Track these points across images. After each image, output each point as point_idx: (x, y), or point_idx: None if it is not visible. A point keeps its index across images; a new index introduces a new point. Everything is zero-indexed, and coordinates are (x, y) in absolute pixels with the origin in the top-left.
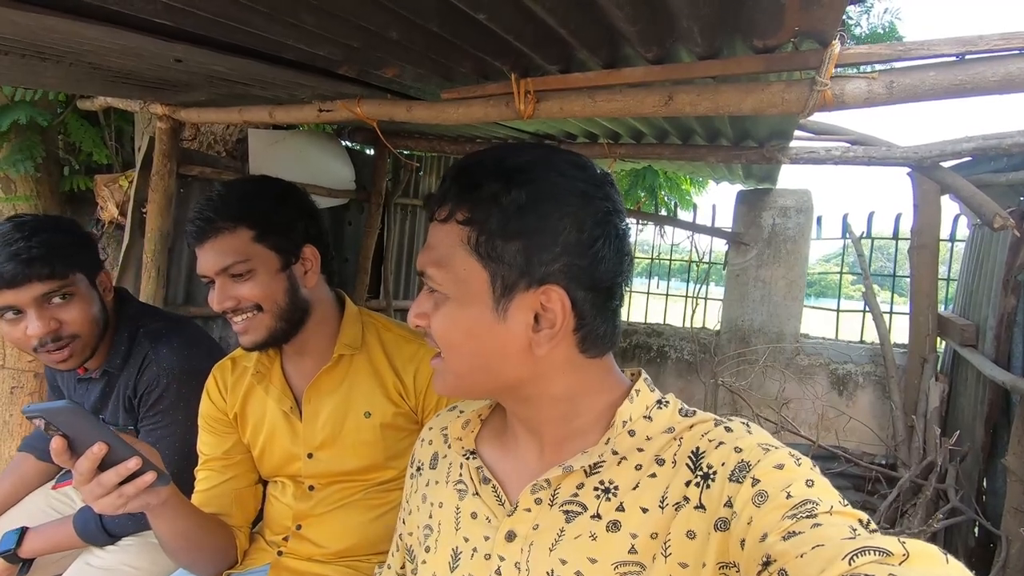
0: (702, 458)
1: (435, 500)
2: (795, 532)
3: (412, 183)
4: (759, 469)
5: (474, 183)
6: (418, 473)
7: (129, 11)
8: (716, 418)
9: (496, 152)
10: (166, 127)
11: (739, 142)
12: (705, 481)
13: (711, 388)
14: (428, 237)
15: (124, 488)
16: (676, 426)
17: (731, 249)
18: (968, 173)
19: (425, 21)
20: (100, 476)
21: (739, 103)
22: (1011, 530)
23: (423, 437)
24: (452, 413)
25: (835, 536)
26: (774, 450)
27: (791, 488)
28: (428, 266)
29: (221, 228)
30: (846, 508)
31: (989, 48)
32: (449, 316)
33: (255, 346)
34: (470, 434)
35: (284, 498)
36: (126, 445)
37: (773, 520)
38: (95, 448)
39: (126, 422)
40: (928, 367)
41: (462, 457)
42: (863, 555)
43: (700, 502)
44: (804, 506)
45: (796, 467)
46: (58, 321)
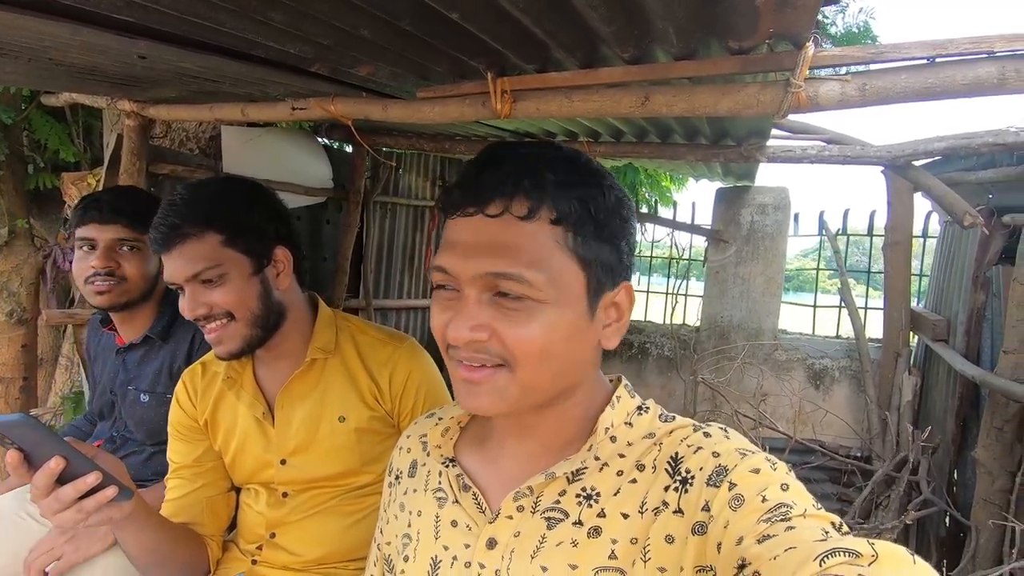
0: (681, 463)
1: (414, 509)
2: (769, 535)
3: (391, 181)
4: (736, 473)
5: (562, 182)
6: (396, 482)
7: (87, 6)
8: (695, 424)
9: (549, 148)
10: (135, 124)
11: (718, 141)
12: (683, 486)
13: (691, 385)
14: (495, 236)
15: (83, 503)
16: (656, 431)
17: (710, 246)
18: (939, 171)
19: (397, 20)
20: (58, 491)
21: (715, 104)
22: (980, 520)
23: (401, 445)
24: (430, 420)
25: (807, 539)
26: (751, 455)
27: (766, 492)
28: (520, 267)
29: (188, 234)
30: (819, 511)
31: (958, 52)
32: (549, 323)
33: (231, 356)
34: (449, 441)
35: (257, 506)
36: (85, 459)
37: (748, 524)
38: (52, 463)
39: (166, 390)
40: (901, 361)
41: (441, 465)
42: (833, 556)
43: (679, 506)
44: (779, 510)
45: (772, 471)
46: (118, 263)
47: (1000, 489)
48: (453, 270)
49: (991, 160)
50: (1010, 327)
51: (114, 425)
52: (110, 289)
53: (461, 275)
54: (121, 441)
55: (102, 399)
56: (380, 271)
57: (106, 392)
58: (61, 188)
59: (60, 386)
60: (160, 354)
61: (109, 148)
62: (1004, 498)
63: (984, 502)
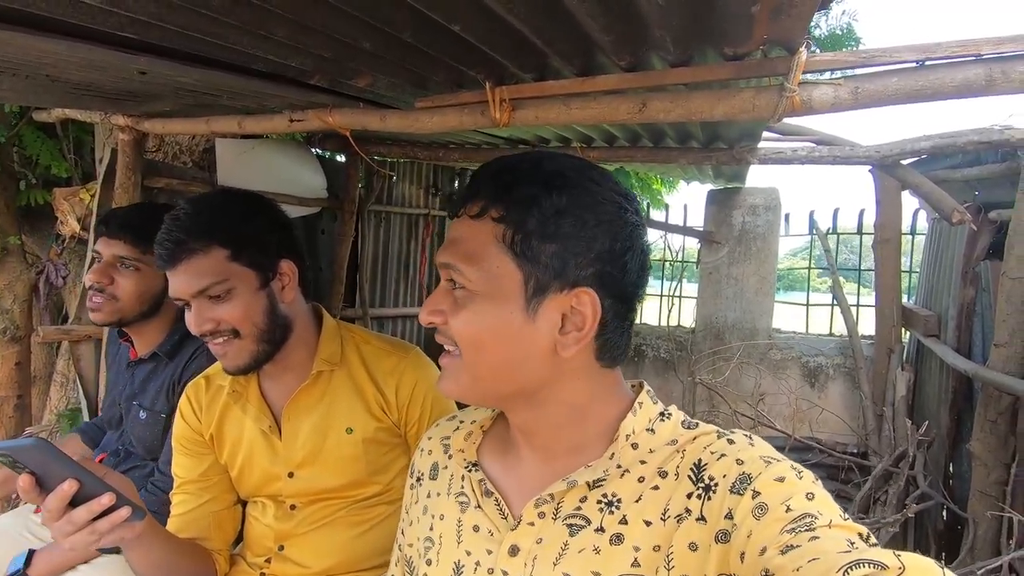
0: (704, 470)
1: (436, 512)
2: (793, 546)
3: (386, 190)
4: (760, 482)
5: (511, 183)
6: (418, 484)
7: (91, 24)
8: (719, 430)
9: (531, 157)
10: (129, 139)
11: (709, 144)
12: (707, 493)
13: (689, 386)
14: (452, 232)
15: (97, 524)
16: (679, 438)
17: (703, 247)
18: (926, 170)
19: (398, 32)
20: (71, 513)
21: (711, 109)
22: (977, 512)
23: (422, 447)
24: (452, 423)
25: (832, 550)
26: (776, 463)
27: (791, 501)
28: (457, 260)
29: (194, 249)
30: (846, 522)
31: (947, 55)
32: (477, 313)
33: (239, 371)
34: (472, 445)
35: (265, 519)
36: (98, 481)
37: (772, 534)
38: (65, 485)
39: (161, 408)
40: (894, 357)
41: (464, 469)
42: (858, 568)
43: (701, 514)
44: (803, 520)
45: (797, 480)
46: (111, 279)
47: (996, 481)
48: (439, 260)
49: (976, 158)
50: (1000, 321)
51: (120, 438)
52: (100, 307)
53: (445, 266)
54: (125, 455)
55: (112, 410)
56: (376, 280)
57: (116, 404)
58: (53, 204)
59: (55, 403)
60: (165, 371)
61: (103, 163)
62: (1000, 490)
63: (980, 494)
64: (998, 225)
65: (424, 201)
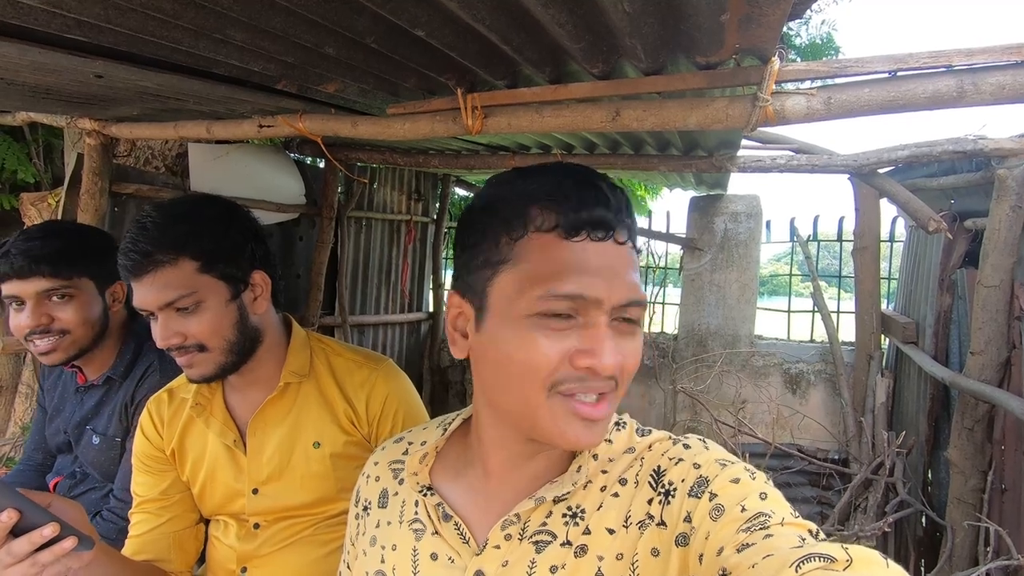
0: (663, 475)
1: (387, 542)
2: (748, 544)
3: (367, 196)
4: (716, 484)
5: (630, 206)
6: (365, 513)
7: (33, 26)
8: (672, 436)
9: (595, 171)
10: (96, 143)
11: (689, 151)
12: (666, 498)
13: (670, 393)
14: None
15: (39, 556)
16: (636, 446)
17: (685, 254)
18: (903, 178)
19: (361, 37)
20: (10, 544)
21: (684, 118)
22: (955, 520)
23: (367, 473)
24: (399, 445)
25: (784, 546)
26: (730, 465)
27: (746, 502)
28: (643, 292)
29: (160, 261)
30: (797, 519)
31: (919, 65)
32: (642, 343)
33: (203, 379)
34: (425, 468)
35: (227, 539)
36: (41, 510)
37: (728, 533)
38: (3, 516)
39: (115, 433)
40: (874, 364)
41: (418, 494)
42: (809, 562)
43: (662, 519)
44: (758, 519)
45: (751, 481)
46: (51, 317)
47: (973, 488)
48: (594, 296)
49: (952, 167)
50: (976, 329)
51: (75, 461)
52: (54, 347)
53: (604, 302)
54: (81, 476)
55: (57, 437)
56: (356, 287)
57: (60, 431)
58: (20, 209)
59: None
60: (118, 394)
61: (69, 167)
62: (977, 497)
63: (958, 501)
64: (973, 234)
65: (406, 207)
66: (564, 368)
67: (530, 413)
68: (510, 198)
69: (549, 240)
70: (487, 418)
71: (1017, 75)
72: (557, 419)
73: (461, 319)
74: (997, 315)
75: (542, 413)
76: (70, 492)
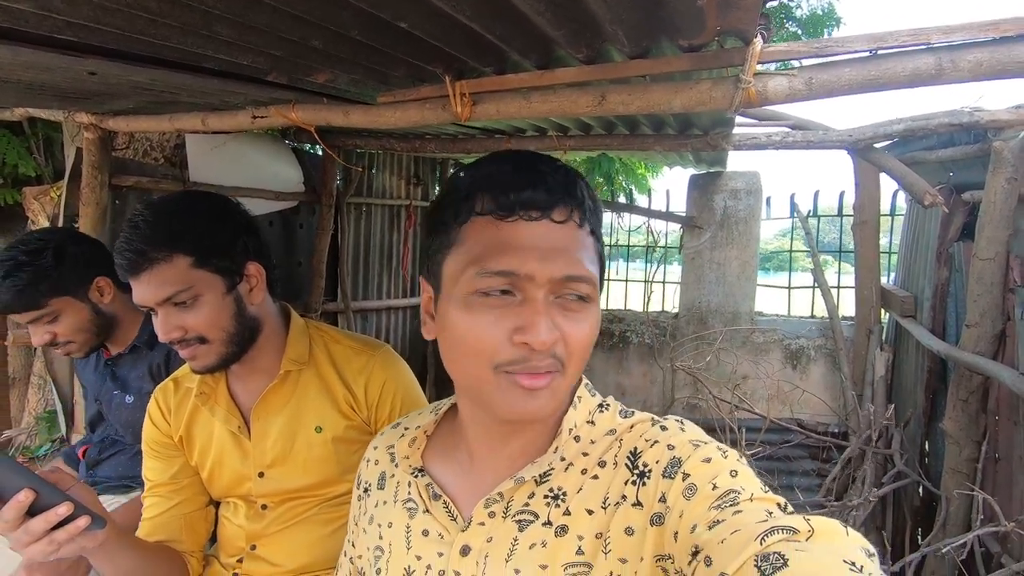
0: (639, 457)
1: (384, 521)
2: (719, 521)
3: (366, 182)
4: (689, 464)
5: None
6: (365, 495)
7: (26, 28)
8: (653, 417)
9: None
10: (94, 137)
11: (684, 130)
12: (641, 479)
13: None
14: (554, 240)
15: (55, 534)
16: (617, 428)
17: (686, 232)
18: (902, 152)
19: (346, 30)
20: (28, 523)
21: (669, 101)
22: (949, 490)
23: (368, 457)
24: (396, 430)
25: (751, 520)
26: (703, 445)
27: (717, 480)
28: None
29: (155, 259)
30: (766, 494)
31: (899, 44)
32: (597, 321)
33: (206, 370)
34: (417, 451)
35: (236, 519)
36: (56, 490)
37: (701, 511)
38: (21, 495)
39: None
40: (873, 338)
41: (410, 475)
42: (773, 534)
43: (637, 499)
44: (728, 496)
45: (723, 459)
46: (51, 333)
47: (967, 458)
48: (525, 272)
49: (951, 139)
50: (971, 301)
51: (105, 429)
52: (69, 352)
53: (537, 277)
54: (110, 442)
55: (91, 410)
56: (358, 273)
57: (92, 403)
58: (23, 203)
59: (33, 406)
60: (147, 358)
61: (69, 161)
62: (971, 467)
63: (952, 472)
64: (971, 206)
65: (405, 192)
66: (506, 348)
67: (481, 388)
68: (461, 186)
69: (486, 222)
70: (462, 400)
71: (995, 51)
72: (503, 392)
73: (428, 302)
74: (992, 287)
75: (490, 388)
76: (100, 455)
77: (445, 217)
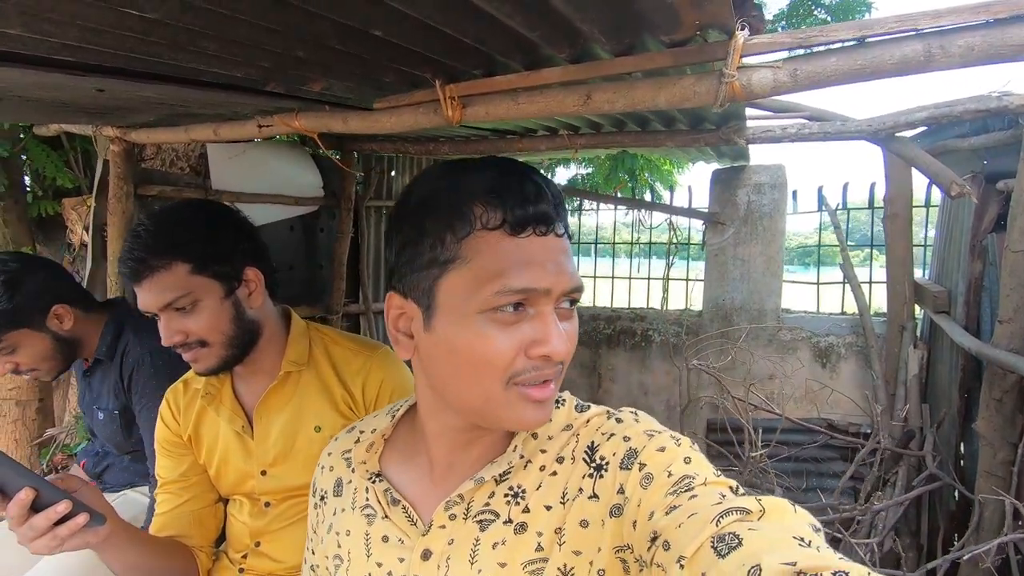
0: (596, 451)
1: (342, 528)
2: (676, 506)
3: (384, 184)
4: (644, 454)
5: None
6: (322, 503)
7: (24, 51)
8: (609, 410)
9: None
10: (119, 149)
11: (696, 125)
12: (599, 472)
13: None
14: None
15: (57, 530)
16: (573, 423)
17: (708, 229)
18: (933, 140)
19: (324, 40)
20: (31, 519)
21: (653, 98)
22: (984, 494)
23: (322, 464)
24: (351, 435)
25: (706, 504)
26: (657, 435)
27: (672, 467)
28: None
29: (155, 266)
30: (719, 478)
31: (886, 31)
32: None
33: (208, 372)
34: (374, 456)
35: (241, 516)
36: (55, 489)
37: (658, 498)
38: (22, 493)
39: (113, 407)
40: (907, 335)
41: (367, 481)
42: (727, 516)
43: (594, 492)
44: (682, 482)
45: (676, 448)
46: (13, 363)
47: (1002, 461)
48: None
49: (984, 125)
50: (1005, 296)
51: (96, 440)
52: (37, 377)
53: (554, 291)
54: (104, 454)
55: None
56: (378, 274)
57: (83, 414)
58: (63, 214)
59: (74, 405)
60: (110, 372)
61: (98, 173)
62: (1007, 470)
63: (986, 475)
64: (1006, 196)
65: None
66: (520, 360)
67: (488, 405)
68: (450, 195)
69: (497, 237)
70: (428, 410)
71: (987, 35)
72: (513, 407)
73: (403, 320)
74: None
75: (499, 404)
76: (95, 468)
77: (434, 229)
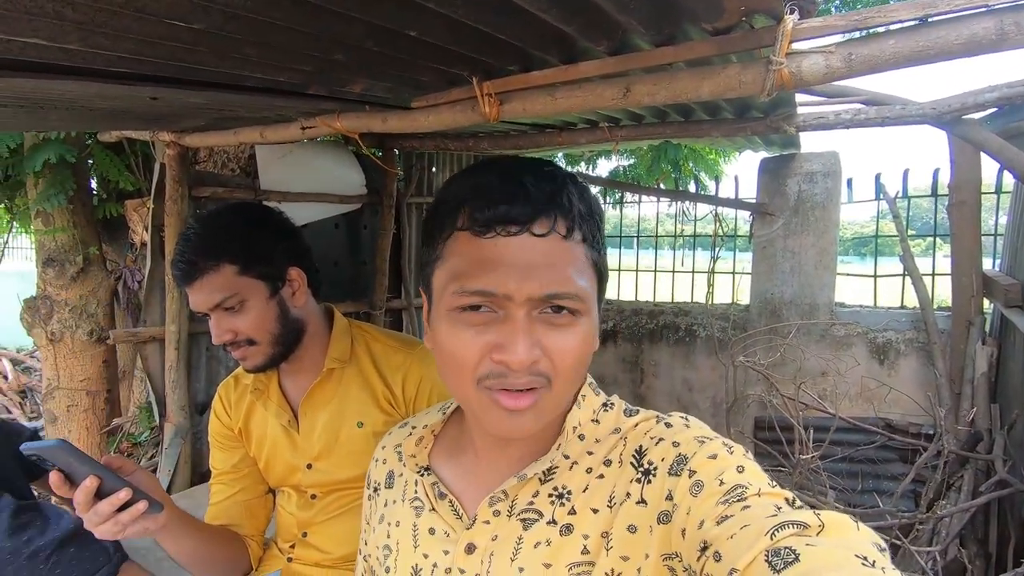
0: (644, 455)
1: (392, 519)
2: (727, 516)
3: (425, 181)
4: (695, 461)
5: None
6: (375, 494)
7: (83, 64)
8: (658, 415)
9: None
10: (174, 153)
11: (742, 114)
12: (647, 477)
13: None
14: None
15: (119, 516)
16: (622, 426)
17: (756, 220)
18: (1006, 122)
19: (361, 43)
20: (96, 506)
21: (696, 89)
22: None
23: (377, 457)
24: (404, 430)
25: (760, 515)
26: (709, 442)
27: (724, 475)
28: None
29: (204, 268)
30: (774, 489)
31: (951, 8)
32: (589, 334)
33: (257, 369)
34: (423, 450)
35: (289, 507)
36: (117, 477)
37: (708, 507)
38: (87, 481)
39: None
40: (974, 331)
41: (416, 474)
42: (783, 529)
43: (642, 497)
44: (735, 491)
45: (728, 456)
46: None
47: None
48: (503, 292)
49: None
50: None
51: None
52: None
53: (516, 297)
54: None
55: None
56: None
57: None
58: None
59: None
60: None
61: (155, 176)
62: None
63: None
64: None
65: None
66: (486, 363)
67: (468, 404)
68: (447, 199)
69: (466, 238)
70: None
71: None
72: (488, 410)
73: (425, 313)
74: None
75: (475, 404)
76: None
77: (433, 229)
